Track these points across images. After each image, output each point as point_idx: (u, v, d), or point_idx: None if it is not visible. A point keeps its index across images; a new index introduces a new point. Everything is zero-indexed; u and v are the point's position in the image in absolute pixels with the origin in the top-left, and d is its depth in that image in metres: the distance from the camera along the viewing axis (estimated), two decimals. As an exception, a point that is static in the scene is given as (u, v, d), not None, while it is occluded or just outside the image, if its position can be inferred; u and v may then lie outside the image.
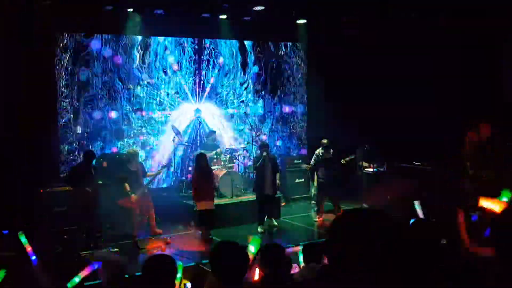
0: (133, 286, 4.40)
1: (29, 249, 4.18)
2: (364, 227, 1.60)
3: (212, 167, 10.29)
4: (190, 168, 11.28)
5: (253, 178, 11.64)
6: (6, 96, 9.33)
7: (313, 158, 10.72)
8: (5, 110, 9.35)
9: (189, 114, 12.14)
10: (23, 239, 4.34)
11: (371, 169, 11.04)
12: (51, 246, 8.06)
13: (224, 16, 11.25)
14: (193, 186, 9.27)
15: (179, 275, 4.00)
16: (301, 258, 4.98)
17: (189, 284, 4.91)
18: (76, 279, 4.17)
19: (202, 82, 12.25)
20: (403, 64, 10.82)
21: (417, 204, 4.62)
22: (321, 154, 10.34)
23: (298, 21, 12.01)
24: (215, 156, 10.93)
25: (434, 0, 10.38)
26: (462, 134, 9.25)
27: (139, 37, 11.37)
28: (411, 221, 3.67)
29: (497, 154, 8.97)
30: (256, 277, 3.90)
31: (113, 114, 11.19)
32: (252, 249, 3.42)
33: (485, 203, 3.81)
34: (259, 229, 9.52)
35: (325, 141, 10.33)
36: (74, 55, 10.68)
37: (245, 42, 12.72)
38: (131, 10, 10.16)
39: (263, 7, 10.78)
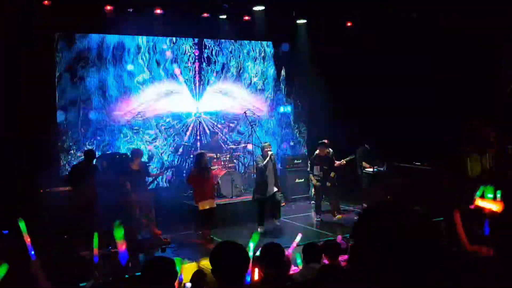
0: (133, 287, 4.39)
1: (28, 240, 3.92)
2: (368, 225, 1.60)
3: (212, 167, 10.28)
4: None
5: (253, 178, 11.66)
6: (6, 96, 9.32)
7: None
8: (5, 110, 9.34)
9: (189, 114, 12.14)
10: (22, 226, 4.03)
11: (371, 169, 11.04)
12: (51, 246, 8.05)
13: (224, 16, 11.26)
14: (193, 186, 9.24)
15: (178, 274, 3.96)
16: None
17: (189, 284, 4.90)
18: None
19: (202, 81, 12.26)
20: (403, 64, 10.83)
21: None
22: (316, 152, 10.35)
23: (298, 21, 12.02)
24: (215, 156, 10.93)
25: (434, 0, 10.39)
26: (462, 134, 9.27)
27: (139, 37, 11.37)
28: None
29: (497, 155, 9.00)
30: (256, 277, 3.89)
31: (112, 114, 11.18)
32: (251, 246, 3.37)
33: (482, 203, 3.80)
34: (259, 230, 9.53)
35: (324, 141, 10.35)
36: (74, 55, 10.68)
37: (244, 42, 12.74)
38: (131, 10, 10.16)
39: (263, 7, 10.79)
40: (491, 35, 10.40)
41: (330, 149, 10.45)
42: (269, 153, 9.58)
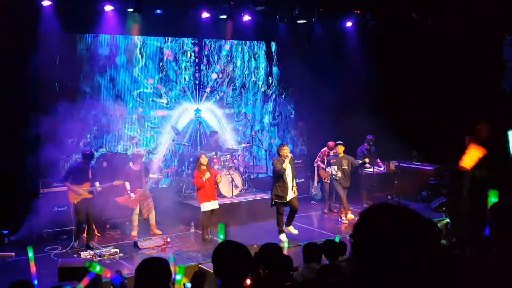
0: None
1: (33, 269, 3.93)
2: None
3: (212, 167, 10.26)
4: (189, 171, 11.09)
5: (253, 178, 11.64)
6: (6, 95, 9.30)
7: (319, 157, 10.87)
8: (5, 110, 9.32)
9: (189, 114, 12.13)
10: (30, 254, 4.05)
11: (371, 169, 11.03)
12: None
13: (224, 16, 11.23)
14: (196, 187, 9.18)
15: (179, 277, 3.95)
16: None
17: (189, 284, 4.91)
18: None
19: (202, 82, 12.24)
20: (403, 64, 10.83)
21: None
22: (333, 153, 10.35)
23: (298, 21, 12.01)
24: (215, 156, 10.91)
25: (434, 0, 10.41)
26: (463, 134, 9.26)
27: (139, 37, 11.36)
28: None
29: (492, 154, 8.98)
30: (248, 281, 3.87)
31: (113, 115, 11.16)
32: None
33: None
34: (282, 239, 8.73)
35: (337, 142, 10.39)
36: (74, 55, 10.67)
37: (244, 42, 12.74)
38: (131, 10, 10.14)
39: (263, 7, 10.78)
40: (491, 35, 10.40)
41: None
42: (289, 155, 8.96)
